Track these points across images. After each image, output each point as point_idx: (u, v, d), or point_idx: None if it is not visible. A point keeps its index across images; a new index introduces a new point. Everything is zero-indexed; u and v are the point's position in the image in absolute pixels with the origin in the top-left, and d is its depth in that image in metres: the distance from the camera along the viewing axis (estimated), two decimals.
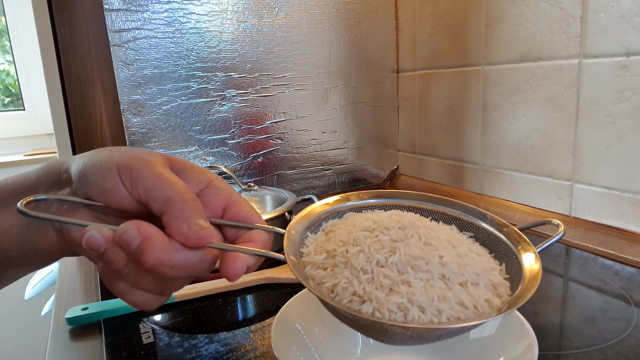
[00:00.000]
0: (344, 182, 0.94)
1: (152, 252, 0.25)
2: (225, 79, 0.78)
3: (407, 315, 0.26)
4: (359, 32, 0.89)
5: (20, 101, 1.84)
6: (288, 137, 0.86)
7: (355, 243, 0.29)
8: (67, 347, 0.43)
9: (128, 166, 0.27)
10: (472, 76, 0.77)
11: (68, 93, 0.70)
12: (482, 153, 0.77)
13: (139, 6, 0.70)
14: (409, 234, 0.30)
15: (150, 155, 0.29)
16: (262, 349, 0.40)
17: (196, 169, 0.31)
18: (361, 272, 0.27)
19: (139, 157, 0.28)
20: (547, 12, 0.63)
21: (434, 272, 0.27)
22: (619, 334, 0.40)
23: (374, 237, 0.29)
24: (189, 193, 0.27)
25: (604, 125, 0.58)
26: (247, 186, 0.71)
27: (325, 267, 0.29)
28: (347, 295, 0.27)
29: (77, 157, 0.30)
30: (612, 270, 0.52)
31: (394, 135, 0.98)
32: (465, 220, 0.34)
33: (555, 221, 0.32)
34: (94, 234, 0.25)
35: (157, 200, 0.27)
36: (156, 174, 0.27)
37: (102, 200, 0.28)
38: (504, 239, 0.32)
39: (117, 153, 0.28)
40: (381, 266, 0.28)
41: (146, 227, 0.25)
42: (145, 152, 0.29)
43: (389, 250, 0.28)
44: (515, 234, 0.32)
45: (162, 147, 0.75)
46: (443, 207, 0.36)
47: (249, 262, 0.28)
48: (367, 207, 0.36)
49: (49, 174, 0.31)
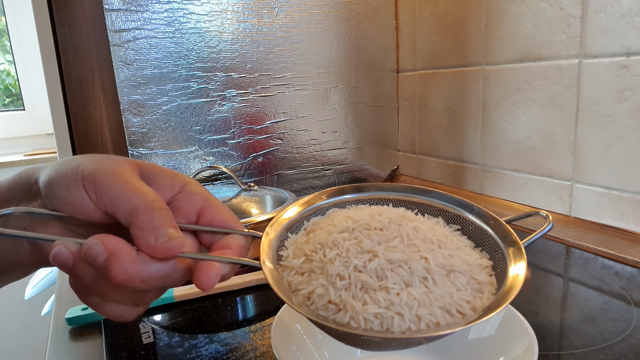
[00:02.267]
0: (344, 182, 0.94)
1: (120, 267, 0.24)
2: (225, 79, 0.78)
3: (383, 324, 0.25)
4: (359, 32, 0.89)
5: (20, 101, 1.84)
6: (288, 137, 0.86)
7: (333, 245, 0.28)
8: (67, 347, 0.43)
9: (92, 177, 0.26)
10: (472, 76, 0.77)
11: (68, 93, 0.70)
12: (482, 153, 0.77)
13: (139, 6, 0.70)
14: (391, 235, 0.29)
15: (116, 163, 0.27)
16: (262, 349, 0.40)
17: (168, 174, 0.30)
18: (338, 278, 0.26)
19: (104, 166, 0.26)
20: (547, 12, 0.63)
21: (415, 275, 0.26)
22: (619, 334, 0.40)
23: (353, 240, 0.28)
24: (157, 202, 0.26)
25: (604, 125, 0.58)
26: (247, 186, 0.71)
27: (302, 272, 0.28)
28: (322, 303, 0.26)
29: (46, 168, 0.28)
30: (612, 270, 0.52)
31: (394, 135, 0.98)
32: (452, 212, 0.33)
33: (543, 212, 0.31)
34: (60, 249, 0.24)
35: (123, 212, 0.25)
36: (121, 184, 0.26)
37: (69, 213, 0.27)
38: (490, 232, 0.31)
39: (82, 163, 0.27)
40: (359, 271, 0.26)
41: (112, 242, 0.24)
42: (112, 160, 0.28)
43: (368, 255, 0.27)
44: (502, 227, 0.30)
45: (162, 147, 0.75)
46: (429, 198, 0.34)
47: (222, 270, 0.26)
48: (352, 201, 0.35)
49: (21, 184, 0.29)
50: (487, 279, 0.28)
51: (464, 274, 0.27)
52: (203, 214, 0.29)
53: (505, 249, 0.29)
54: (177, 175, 0.30)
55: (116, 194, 0.26)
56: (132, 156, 0.73)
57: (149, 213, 0.25)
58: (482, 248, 0.31)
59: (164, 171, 0.30)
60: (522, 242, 0.29)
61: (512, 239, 0.29)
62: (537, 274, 0.54)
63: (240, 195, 0.71)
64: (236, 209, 0.69)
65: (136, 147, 0.73)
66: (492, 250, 0.30)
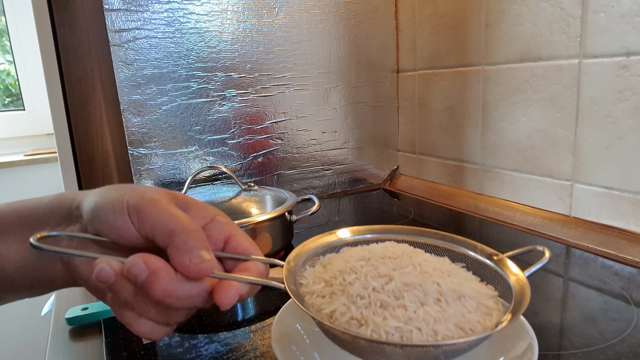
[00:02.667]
0: (344, 182, 0.94)
1: (160, 285, 0.26)
2: (225, 79, 0.78)
3: (403, 337, 0.26)
4: (359, 32, 0.89)
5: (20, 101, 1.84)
6: (288, 137, 0.86)
7: (352, 271, 0.30)
8: (67, 347, 0.43)
9: (136, 205, 0.28)
10: (472, 76, 0.77)
11: (68, 93, 0.70)
12: (482, 153, 0.77)
13: (139, 6, 0.70)
14: (404, 263, 0.31)
15: (156, 193, 0.30)
16: (262, 349, 0.40)
17: (200, 206, 0.33)
18: (358, 298, 0.28)
19: (146, 196, 0.29)
20: (547, 12, 0.63)
21: (429, 296, 0.28)
22: (619, 334, 0.40)
23: (370, 266, 0.31)
24: (192, 224, 0.29)
25: (604, 125, 0.58)
26: (247, 186, 0.71)
27: (323, 295, 0.30)
28: (345, 319, 0.28)
29: (89, 195, 0.31)
30: (612, 270, 0.52)
31: (394, 135, 0.98)
32: (457, 251, 0.36)
33: (540, 247, 0.34)
34: (104, 267, 0.27)
35: (162, 235, 0.28)
36: (160, 210, 0.28)
37: (112, 237, 0.29)
38: (494, 266, 0.33)
39: (127, 192, 0.29)
40: (377, 292, 0.29)
41: (153, 260, 0.27)
42: (152, 191, 0.30)
43: (385, 278, 0.29)
44: (504, 261, 0.33)
45: (162, 147, 0.75)
46: (434, 240, 0.37)
47: (241, 290, 0.29)
48: (362, 241, 0.38)
49: (59, 209, 0.32)
50: (494, 306, 0.30)
51: (474, 299, 0.29)
52: (229, 241, 0.32)
53: (508, 279, 0.31)
54: (207, 207, 0.33)
55: (156, 220, 0.28)
56: (132, 156, 0.73)
57: (184, 235, 0.28)
58: (487, 282, 0.33)
59: (197, 203, 0.33)
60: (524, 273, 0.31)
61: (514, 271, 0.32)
62: (537, 274, 0.54)
63: (240, 195, 0.71)
64: (236, 209, 0.69)
65: (136, 147, 0.73)
66: (498, 283, 0.33)
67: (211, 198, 0.70)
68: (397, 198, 0.90)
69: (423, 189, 0.90)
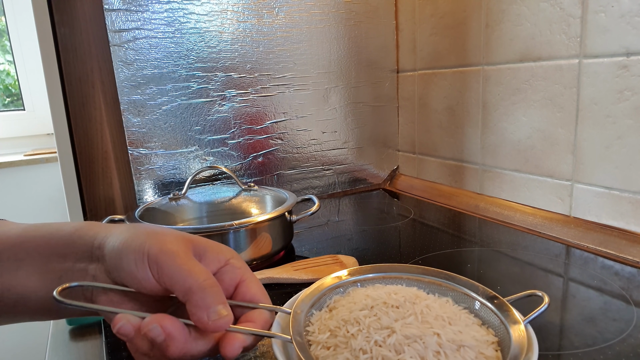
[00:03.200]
0: (344, 182, 0.94)
1: (176, 347, 0.29)
2: (225, 79, 0.78)
3: None
4: (359, 32, 0.89)
5: (20, 101, 1.84)
6: (288, 137, 0.86)
7: (355, 322, 0.32)
8: (67, 347, 0.43)
9: (156, 258, 0.30)
10: (472, 76, 0.77)
11: (68, 93, 0.70)
12: (482, 153, 0.77)
13: (139, 6, 0.70)
14: (406, 312, 0.32)
15: (175, 243, 0.31)
16: (262, 349, 0.40)
17: (215, 249, 0.34)
18: (361, 352, 0.30)
19: (166, 248, 0.30)
20: (547, 12, 0.63)
21: (429, 349, 0.29)
22: (619, 334, 0.40)
23: (373, 317, 0.32)
24: (208, 279, 0.30)
25: (604, 125, 0.58)
26: (247, 186, 0.71)
27: (328, 346, 0.31)
28: None
29: (111, 236, 0.32)
30: (612, 270, 0.52)
31: (394, 135, 0.98)
32: (459, 292, 0.37)
33: (539, 293, 0.35)
34: (124, 324, 0.29)
35: (180, 290, 0.29)
36: (178, 265, 0.30)
37: (134, 285, 0.31)
38: (495, 310, 0.34)
39: (147, 241, 0.31)
40: (379, 346, 0.30)
41: (168, 324, 0.28)
42: (171, 239, 0.31)
43: (387, 330, 0.31)
44: (504, 306, 0.34)
45: (162, 147, 0.75)
46: (438, 279, 0.38)
47: (245, 342, 0.30)
48: (368, 280, 0.39)
49: (80, 244, 0.32)
50: (493, 354, 0.31)
51: (473, 348, 0.30)
52: (239, 286, 0.34)
53: (508, 326, 0.32)
54: (223, 250, 0.34)
55: (174, 275, 0.30)
56: (132, 156, 0.73)
57: (201, 292, 0.29)
58: (488, 325, 0.34)
59: (212, 247, 0.34)
60: (522, 320, 0.32)
61: (514, 317, 0.33)
62: (537, 274, 0.54)
63: (240, 195, 0.71)
64: (236, 209, 0.69)
65: (136, 147, 0.73)
66: (498, 327, 0.33)
67: (211, 198, 0.70)
68: (397, 198, 0.90)
69: (423, 189, 0.90)
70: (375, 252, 0.62)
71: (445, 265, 0.57)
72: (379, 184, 0.98)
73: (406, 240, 0.66)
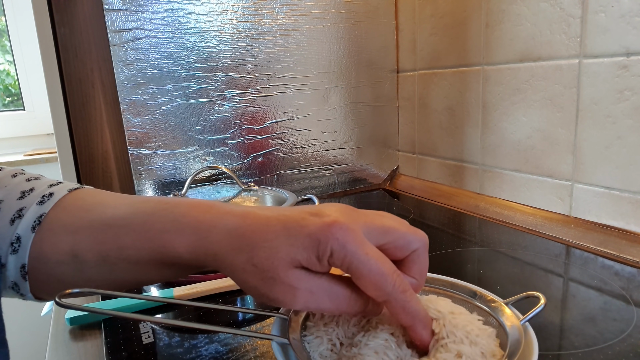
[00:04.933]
0: (344, 182, 0.94)
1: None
2: (225, 79, 0.78)
3: None
4: (359, 32, 0.89)
5: (20, 101, 1.84)
6: (288, 137, 0.86)
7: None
8: (67, 347, 0.43)
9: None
10: (472, 76, 0.77)
11: (68, 93, 0.70)
12: (482, 153, 0.77)
13: (139, 6, 0.70)
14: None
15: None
16: (262, 349, 0.40)
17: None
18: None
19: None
20: (547, 12, 0.63)
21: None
22: (619, 334, 0.40)
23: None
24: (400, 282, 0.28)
25: (604, 125, 0.58)
26: (247, 186, 0.71)
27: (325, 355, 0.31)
28: None
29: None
30: (612, 270, 0.52)
31: (394, 135, 0.98)
32: (457, 297, 0.37)
33: (536, 294, 0.35)
34: None
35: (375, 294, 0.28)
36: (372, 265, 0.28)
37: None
38: (493, 314, 0.34)
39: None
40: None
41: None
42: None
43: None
44: (501, 308, 0.34)
45: (162, 147, 0.75)
46: (435, 286, 0.38)
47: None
48: None
49: (196, 261, 0.30)
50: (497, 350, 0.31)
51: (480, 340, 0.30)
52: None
53: (506, 327, 0.32)
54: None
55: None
56: (132, 156, 0.73)
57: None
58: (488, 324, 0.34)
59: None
60: (520, 320, 0.32)
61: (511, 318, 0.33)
62: (537, 274, 0.54)
63: (240, 195, 0.71)
64: None
65: (136, 147, 0.73)
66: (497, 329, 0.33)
67: (211, 198, 0.70)
68: (397, 198, 0.90)
69: (423, 189, 0.90)
70: None
71: (445, 265, 0.57)
72: (379, 184, 0.98)
73: None
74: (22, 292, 0.33)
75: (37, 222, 0.32)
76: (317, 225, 0.26)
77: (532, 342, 0.30)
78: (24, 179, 0.34)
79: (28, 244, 0.31)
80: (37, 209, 0.32)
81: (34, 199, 0.33)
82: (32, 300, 0.33)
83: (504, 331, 0.32)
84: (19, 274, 0.32)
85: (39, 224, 0.32)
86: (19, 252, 0.31)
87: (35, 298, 0.33)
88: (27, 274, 0.32)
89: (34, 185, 0.34)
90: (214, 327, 0.31)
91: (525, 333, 0.31)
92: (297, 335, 0.32)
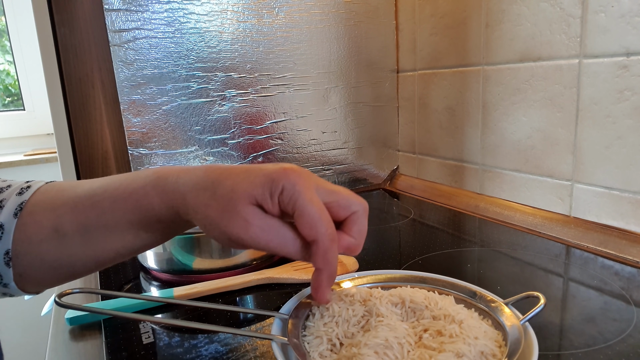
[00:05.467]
0: (344, 182, 0.94)
1: None
2: (225, 79, 0.78)
3: None
4: (359, 32, 0.89)
5: (20, 101, 1.84)
6: (288, 137, 0.86)
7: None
8: (67, 347, 0.43)
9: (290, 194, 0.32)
10: (472, 76, 0.77)
11: (68, 93, 0.70)
12: (482, 153, 0.77)
13: (139, 6, 0.70)
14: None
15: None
16: (262, 349, 0.40)
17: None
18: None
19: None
20: (547, 12, 0.63)
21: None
22: (619, 334, 0.40)
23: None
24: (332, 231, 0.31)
25: (604, 125, 0.58)
26: None
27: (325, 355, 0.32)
28: None
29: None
30: (612, 270, 0.52)
31: (394, 135, 0.98)
32: (458, 297, 0.37)
33: (536, 294, 0.35)
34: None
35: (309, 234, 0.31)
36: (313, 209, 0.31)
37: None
38: (493, 314, 0.34)
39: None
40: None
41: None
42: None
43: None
44: (501, 308, 0.34)
45: (162, 147, 0.75)
46: (436, 286, 0.38)
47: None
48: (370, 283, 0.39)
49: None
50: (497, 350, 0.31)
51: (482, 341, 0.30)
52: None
53: (506, 327, 0.32)
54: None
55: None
56: (132, 156, 0.73)
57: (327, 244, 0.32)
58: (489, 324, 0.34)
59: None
60: (520, 320, 0.32)
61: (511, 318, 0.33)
62: (537, 274, 0.54)
63: None
64: None
65: (136, 147, 0.73)
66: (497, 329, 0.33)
67: None
68: (397, 198, 0.90)
69: (423, 189, 0.90)
70: (375, 252, 0.62)
71: (445, 265, 0.57)
72: (379, 184, 0.98)
73: (406, 240, 0.66)
74: (5, 282, 0.33)
75: (18, 209, 0.33)
76: (275, 168, 0.31)
77: (532, 342, 0.30)
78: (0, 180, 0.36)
79: (11, 230, 0.32)
80: (17, 198, 0.34)
81: (13, 191, 0.34)
82: (14, 290, 0.34)
83: (503, 331, 0.32)
84: (2, 261, 0.33)
85: (20, 210, 0.33)
86: (2, 239, 0.32)
87: (17, 288, 0.34)
88: (10, 260, 0.32)
89: (11, 183, 0.36)
90: (214, 327, 0.32)
91: (525, 333, 0.31)
92: (297, 335, 0.32)
